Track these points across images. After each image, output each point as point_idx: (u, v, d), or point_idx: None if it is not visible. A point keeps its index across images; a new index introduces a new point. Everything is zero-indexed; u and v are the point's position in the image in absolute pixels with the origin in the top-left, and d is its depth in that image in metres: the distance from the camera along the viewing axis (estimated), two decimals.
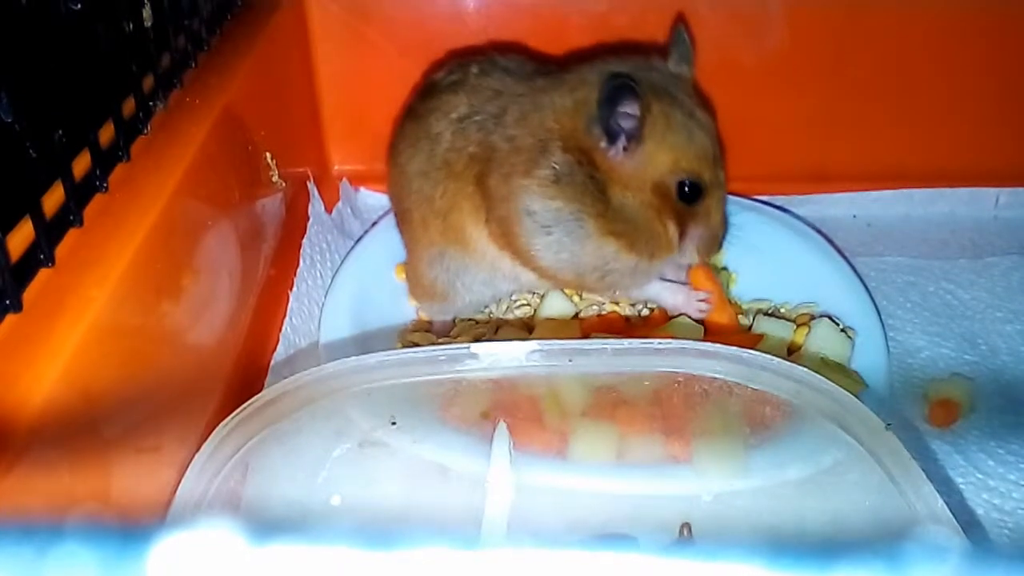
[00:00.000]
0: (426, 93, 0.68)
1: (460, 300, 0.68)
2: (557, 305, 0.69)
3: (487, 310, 0.72)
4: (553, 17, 0.80)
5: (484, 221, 0.63)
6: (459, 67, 0.67)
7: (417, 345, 0.66)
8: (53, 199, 0.43)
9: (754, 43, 0.80)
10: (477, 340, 0.65)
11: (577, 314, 0.69)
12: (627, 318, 0.69)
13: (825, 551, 0.16)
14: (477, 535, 0.50)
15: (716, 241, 0.64)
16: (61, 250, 0.43)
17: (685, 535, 0.49)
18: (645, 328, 0.67)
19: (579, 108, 0.60)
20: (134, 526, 0.16)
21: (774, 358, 0.47)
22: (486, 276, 0.66)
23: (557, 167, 0.60)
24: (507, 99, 0.62)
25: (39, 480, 0.36)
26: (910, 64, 0.82)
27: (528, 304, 0.71)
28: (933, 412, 0.65)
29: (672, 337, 0.61)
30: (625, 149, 0.59)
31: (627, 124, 0.58)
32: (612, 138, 0.59)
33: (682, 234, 0.62)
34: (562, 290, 0.69)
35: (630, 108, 0.58)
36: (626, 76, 0.57)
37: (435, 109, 0.65)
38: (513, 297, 0.72)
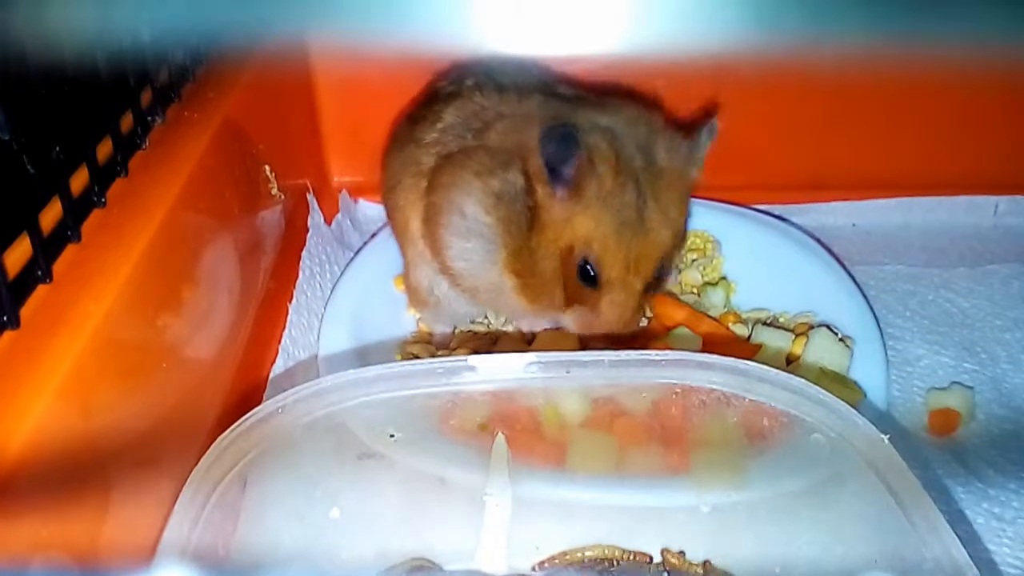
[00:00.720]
0: (424, 101, 0.69)
1: (448, 308, 0.68)
2: None
3: (486, 321, 0.72)
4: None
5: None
6: (456, 80, 0.67)
7: (416, 357, 0.66)
8: (51, 215, 0.43)
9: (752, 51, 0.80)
10: (476, 352, 0.65)
11: None
12: None
13: None
14: (475, 547, 0.50)
15: (603, 331, 0.60)
16: (59, 266, 0.43)
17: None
18: (643, 339, 0.67)
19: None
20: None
21: (772, 369, 0.47)
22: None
23: (507, 184, 0.58)
24: (493, 116, 0.62)
25: (36, 496, 0.36)
26: (908, 71, 0.82)
27: None
28: (932, 421, 0.65)
29: (670, 348, 0.61)
30: (563, 195, 0.57)
31: (566, 170, 0.56)
32: (553, 177, 0.57)
33: (572, 304, 0.60)
34: None
35: (567, 155, 0.55)
36: (568, 124, 0.56)
37: (424, 118, 0.65)
38: None
